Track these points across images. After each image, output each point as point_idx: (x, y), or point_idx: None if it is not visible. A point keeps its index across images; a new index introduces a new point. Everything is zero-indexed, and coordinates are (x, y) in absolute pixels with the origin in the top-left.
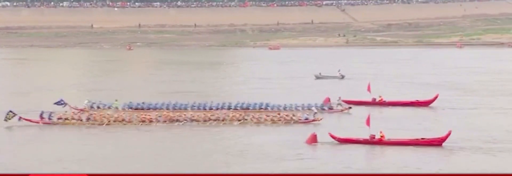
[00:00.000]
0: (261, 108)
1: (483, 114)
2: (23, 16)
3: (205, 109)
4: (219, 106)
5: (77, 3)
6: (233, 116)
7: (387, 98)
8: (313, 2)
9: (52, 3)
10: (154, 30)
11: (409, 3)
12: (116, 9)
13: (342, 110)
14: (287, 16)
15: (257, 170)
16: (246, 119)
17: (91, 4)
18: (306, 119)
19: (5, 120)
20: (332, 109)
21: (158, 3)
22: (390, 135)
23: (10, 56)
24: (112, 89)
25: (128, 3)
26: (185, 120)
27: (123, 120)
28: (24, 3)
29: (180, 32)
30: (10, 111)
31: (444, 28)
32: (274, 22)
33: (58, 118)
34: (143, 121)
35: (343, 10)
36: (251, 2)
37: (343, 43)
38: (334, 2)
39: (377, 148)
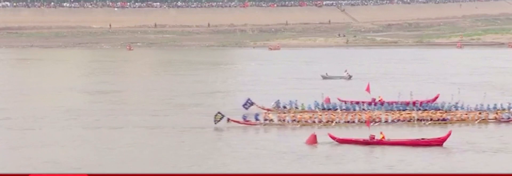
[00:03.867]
0: (450, 110)
1: None
2: (23, 16)
3: (393, 110)
4: (408, 107)
5: (77, 3)
6: (433, 116)
7: (386, 99)
8: (313, 2)
9: (52, 3)
10: (154, 30)
11: (409, 3)
12: (116, 9)
13: None
14: (287, 16)
15: None
16: (448, 119)
17: (91, 4)
18: (508, 118)
19: (215, 122)
20: None
21: (158, 3)
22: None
23: (10, 56)
24: (141, 90)
25: (128, 3)
26: (386, 120)
27: (328, 121)
28: (24, 3)
29: (180, 32)
30: (219, 113)
31: (444, 28)
32: (274, 22)
33: (264, 120)
34: (347, 122)
35: (343, 10)
36: (251, 2)
37: (343, 43)
38: (334, 2)
39: (377, 149)
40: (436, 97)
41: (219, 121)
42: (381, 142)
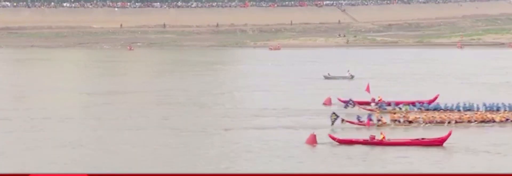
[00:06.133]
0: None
1: None
2: (23, 16)
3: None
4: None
5: (77, 3)
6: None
7: (386, 99)
8: (313, 2)
9: (52, 3)
10: (155, 31)
11: (409, 3)
12: (116, 9)
13: None
14: (288, 16)
15: None
16: None
17: (91, 4)
18: None
19: (331, 123)
20: None
21: (158, 4)
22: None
23: (11, 56)
24: (149, 91)
25: (129, 4)
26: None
27: (440, 121)
28: (25, 3)
29: (180, 33)
30: (334, 113)
31: (444, 28)
32: (274, 22)
33: (377, 120)
34: (458, 122)
35: (344, 11)
36: (251, 2)
37: (343, 43)
38: (334, 2)
39: (377, 149)
40: (436, 97)
41: (334, 121)
42: (381, 143)
